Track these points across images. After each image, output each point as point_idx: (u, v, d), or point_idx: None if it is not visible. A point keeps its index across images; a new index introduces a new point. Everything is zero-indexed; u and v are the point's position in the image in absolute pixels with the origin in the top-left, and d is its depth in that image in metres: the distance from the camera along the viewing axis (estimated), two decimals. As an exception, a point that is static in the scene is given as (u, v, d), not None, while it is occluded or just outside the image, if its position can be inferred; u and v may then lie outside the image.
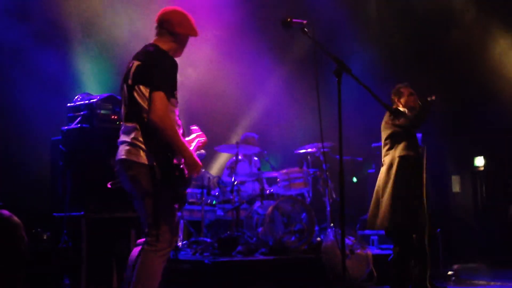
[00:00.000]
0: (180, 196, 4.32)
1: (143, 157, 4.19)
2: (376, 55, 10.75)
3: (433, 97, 6.38)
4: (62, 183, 6.18)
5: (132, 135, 4.23)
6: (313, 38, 4.39)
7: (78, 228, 5.93)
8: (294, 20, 4.46)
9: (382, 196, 6.38)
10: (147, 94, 4.17)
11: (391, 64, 10.73)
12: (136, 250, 4.56)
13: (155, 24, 4.49)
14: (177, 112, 4.37)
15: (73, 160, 6.15)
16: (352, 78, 4.36)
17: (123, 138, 4.32)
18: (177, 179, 4.21)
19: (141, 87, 4.22)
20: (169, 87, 4.23)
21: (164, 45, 4.40)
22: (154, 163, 4.17)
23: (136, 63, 4.30)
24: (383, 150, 6.59)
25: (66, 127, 6.35)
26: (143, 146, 4.20)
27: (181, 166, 4.24)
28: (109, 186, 4.86)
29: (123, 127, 4.35)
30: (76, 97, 6.70)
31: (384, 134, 6.55)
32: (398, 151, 6.38)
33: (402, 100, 6.48)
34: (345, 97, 4.32)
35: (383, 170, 6.48)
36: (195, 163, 4.26)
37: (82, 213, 5.94)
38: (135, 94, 4.23)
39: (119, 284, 6.07)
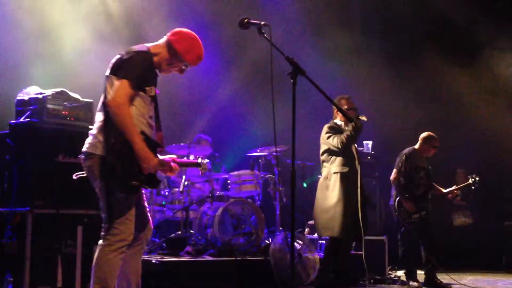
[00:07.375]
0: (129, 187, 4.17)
1: (99, 148, 4.18)
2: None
3: (364, 118, 6.62)
4: (8, 178, 6.04)
5: (96, 125, 4.24)
6: (270, 40, 4.38)
7: (24, 224, 5.80)
8: (251, 21, 4.45)
9: (318, 207, 6.84)
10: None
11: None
12: None
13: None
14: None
15: (20, 155, 6.01)
16: (307, 81, 4.36)
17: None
18: (126, 170, 4.10)
19: (113, 77, 4.21)
20: (135, 78, 4.17)
21: (154, 49, 4.41)
22: (106, 154, 4.14)
23: (117, 56, 4.32)
24: (321, 161, 6.97)
25: (14, 121, 6.21)
26: (100, 137, 4.19)
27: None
28: (74, 177, 4.93)
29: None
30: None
31: (321, 148, 6.94)
32: (334, 167, 6.78)
33: (340, 113, 6.50)
34: (298, 101, 4.31)
35: (320, 180, 6.92)
36: (146, 157, 4.13)
37: (28, 208, 5.82)
38: (107, 84, 4.22)
39: (64, 282, 5.96)
